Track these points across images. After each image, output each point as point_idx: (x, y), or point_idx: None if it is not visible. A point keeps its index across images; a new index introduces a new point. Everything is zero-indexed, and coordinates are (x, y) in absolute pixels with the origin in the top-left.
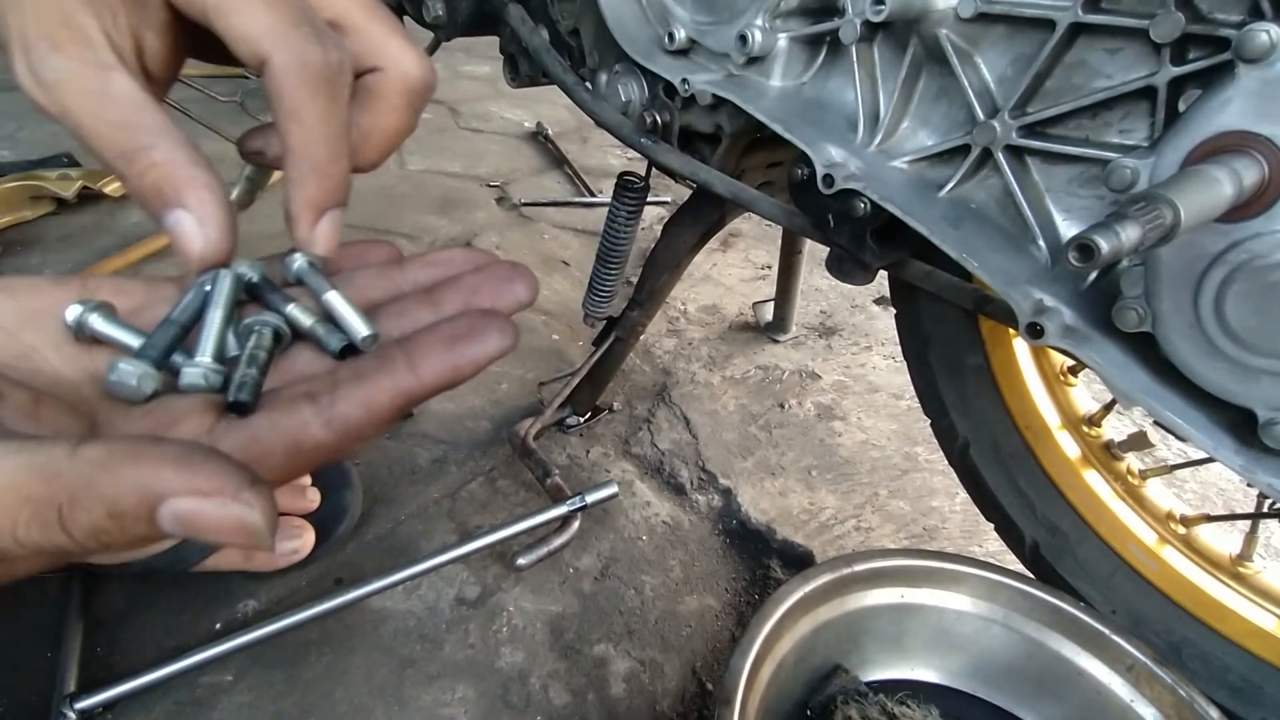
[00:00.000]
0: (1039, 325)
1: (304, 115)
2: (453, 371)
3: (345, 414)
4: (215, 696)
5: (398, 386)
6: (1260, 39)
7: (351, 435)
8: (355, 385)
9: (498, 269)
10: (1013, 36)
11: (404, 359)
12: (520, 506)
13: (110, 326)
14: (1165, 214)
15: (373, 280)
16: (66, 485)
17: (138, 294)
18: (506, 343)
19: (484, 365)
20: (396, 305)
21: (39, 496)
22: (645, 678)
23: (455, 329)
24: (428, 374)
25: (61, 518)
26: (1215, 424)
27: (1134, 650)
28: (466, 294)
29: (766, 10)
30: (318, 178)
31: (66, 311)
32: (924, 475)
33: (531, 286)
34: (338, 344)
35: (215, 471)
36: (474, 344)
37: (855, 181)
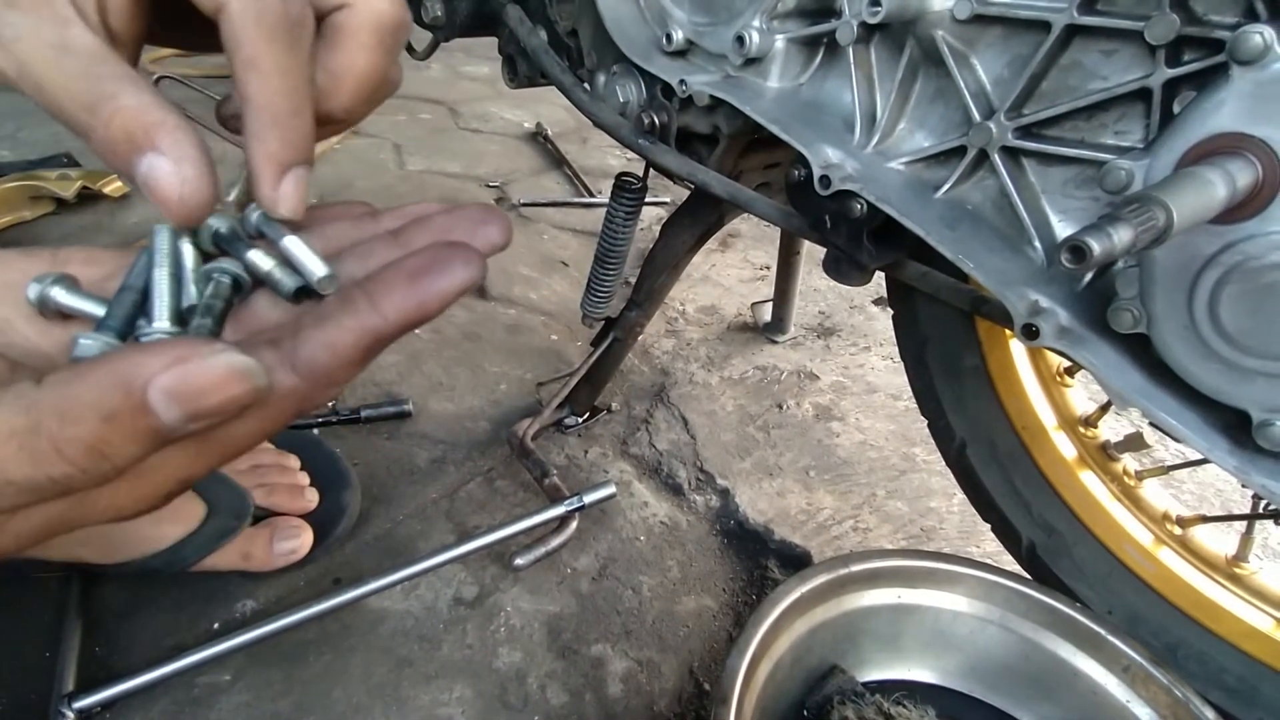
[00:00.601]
0: (1034, 326)
1: (261, 64)
2: (417, 306)
3: (310, 356)
4: (213, 696)
5: (361, 325)
6: (1254, 41)
7: (319, 380)
8: (318, 328)
9: (470, 210)
10: (1008, 38)
11: (365, 297)
12: (518, 507)
13: (74, 298)
14: (1158, 216)
15: (345, 230)
16: (49, 406)
17: (108, 262)
18: (472, 274)
19: (451, 298)
20: (362, 247)
21: (21, 427)
22: (643, 678)
23: (418, 262)
24: (391, 310)
25: (54, 441)
26: (1210, 425)
27: (1130, 651)
28: (436, 234)
29: (764, 12)
30: (279, 131)
31: (28, 288)
32: (921, 476)
33: (505, 228)
34: (292, 285)
35: (183, 342)
36: (438, 276)
37: (852, 182)
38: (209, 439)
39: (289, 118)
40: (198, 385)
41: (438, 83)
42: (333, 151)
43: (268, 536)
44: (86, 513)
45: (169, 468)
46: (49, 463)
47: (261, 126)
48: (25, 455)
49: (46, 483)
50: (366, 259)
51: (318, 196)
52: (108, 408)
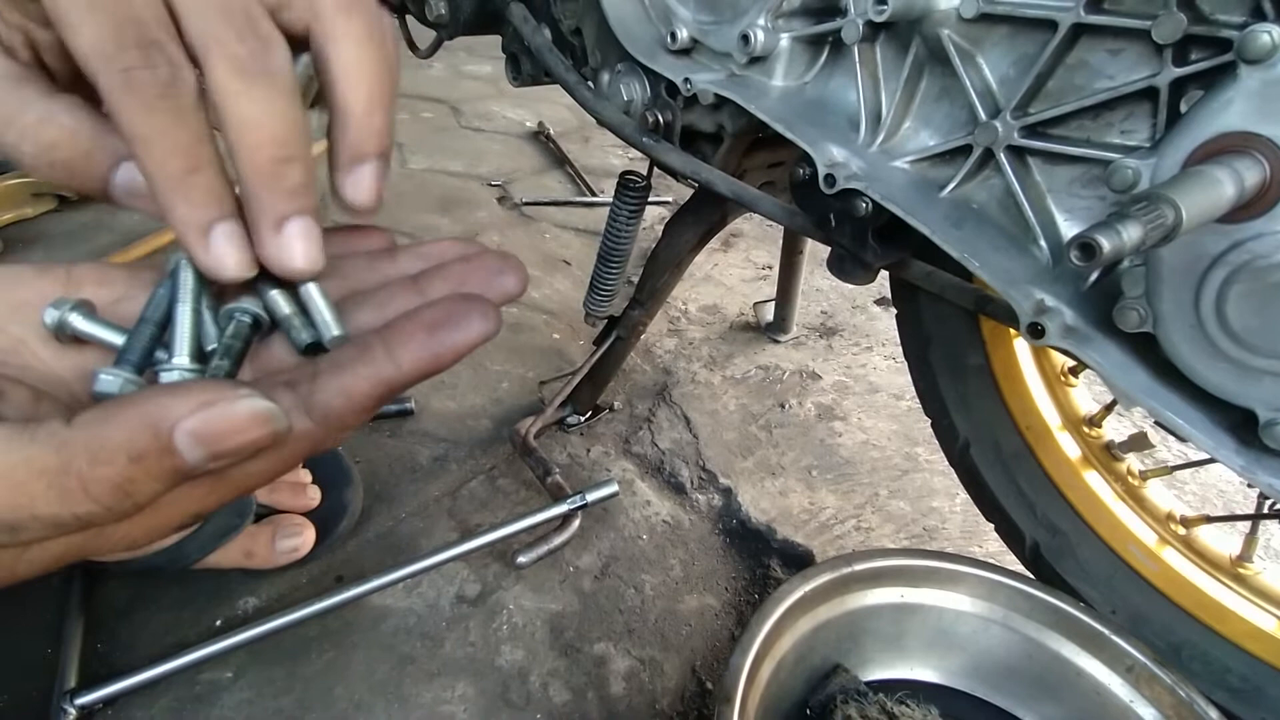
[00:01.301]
0: (1040, 325)
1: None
2: (433, 359)
3: (325, 403)
4: (215, 693)
5: (377, 375)
6: (1262, 40)
7: (333, 424)
8: (334, 374)
9: (487, 259)
10: (1015, 37)
11: (383, 347)
12: (521, 505)
13: (90, 324)
14: (1167, 214)
15: (361, 270)
16: (81, 447)
17: (119, 283)
18: (489, 328)
19: (465, 352)
20: (382, 293)
21: (52, 466)
22: (645, 676)
23: (435, 315)
24: (407, 362)
25: (83, 480)
26: (1216, 424)
27: (1134, 651)
28: (453, 283)
29: (769, 10)
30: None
31: (45, 314)
32: (924, 475)
33: (521, 278)
34: (305, 339)
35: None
36: (454, 330)
37: (857, 181)
38: (224, 476)
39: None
40: (222, 428)
41: (440, 81)
42: None
43: (270, 534)
44: (101, 544)
45: (184, 502)
46: (76, 501)
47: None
48: (54, 493)
49: (71, 519)
50: (384, 307)
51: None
52: (137, 449)
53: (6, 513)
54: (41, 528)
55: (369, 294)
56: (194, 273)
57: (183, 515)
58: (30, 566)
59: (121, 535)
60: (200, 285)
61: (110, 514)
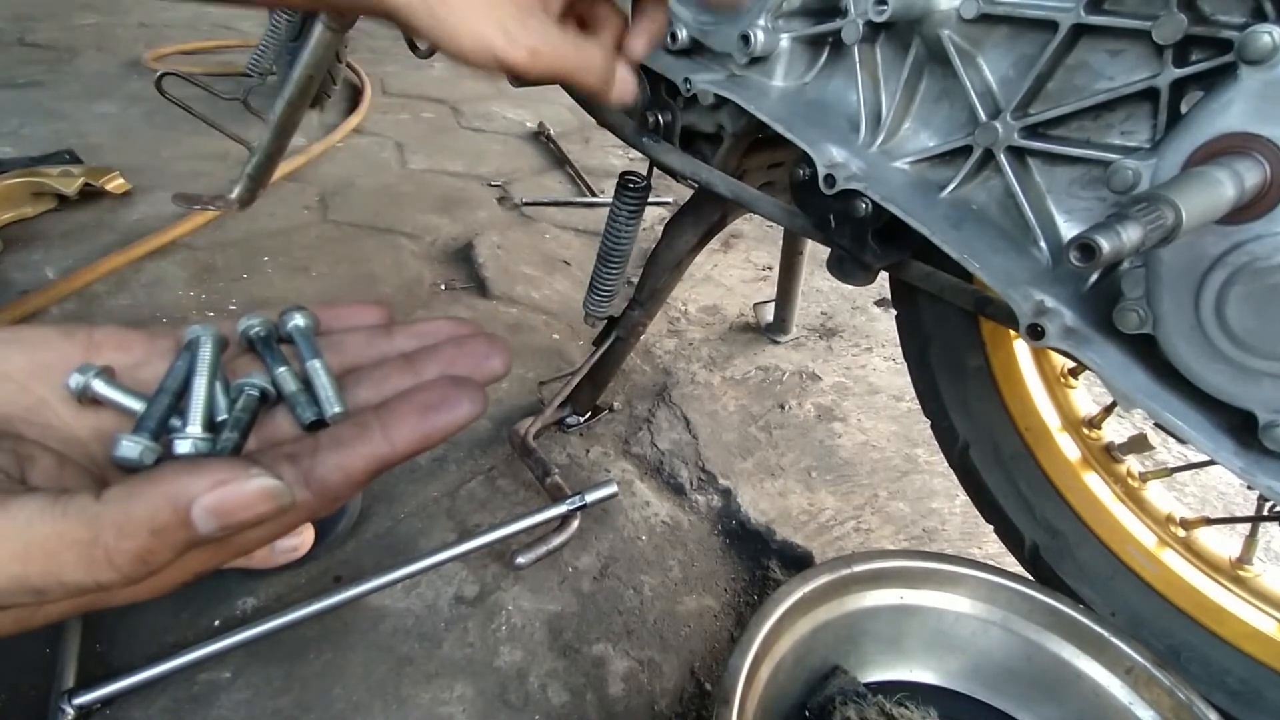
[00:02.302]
0: (1040, 326)
1: None
2: (424, 438)
3: (324, 477)
4: (213, 693)
5: (373, 453)
6: (1263, 41)
7: (329, 496)
8: (334, 450)
9: (475, 343)
10: (1015, 38)
11: (379, 427)
12: (520, 505)
13: (111, 390)
14: (1167, 215)
15: (360, 346)
16: (109, 522)
17: (138, 348)
18: (476, 410)
19: (454, 432)
20: (379, 371)
21: (83, 539)
22: (644, 677)
23: (428, 398)
24: (400, 441)
25: (109, 552)
26: (1215, 426)
27: (1133, 653)
28: (444, 365)
29: (769, 11)
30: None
31: (70, 380)
32: (924, 477)
33: (505, 361)
34: (309, 418)
35: (224, 464)
36: (444, 413)
37: (857, 182)
38: (228, 542)
39: None
40: (234, 504)
41: (440, 82)
42: (336, 150)
43: None
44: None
45: (189, 565)
46: (100, 570)
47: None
48: (82, 563)
49: (93, 585)
50: (381, 385)
51: (320, 195)
52: (159, 523)
53: (36, 579)
54: (64, 593)
55: (367, 371)
56: (211, 348)
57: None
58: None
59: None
60: (216, 359)
61: (127, 581)
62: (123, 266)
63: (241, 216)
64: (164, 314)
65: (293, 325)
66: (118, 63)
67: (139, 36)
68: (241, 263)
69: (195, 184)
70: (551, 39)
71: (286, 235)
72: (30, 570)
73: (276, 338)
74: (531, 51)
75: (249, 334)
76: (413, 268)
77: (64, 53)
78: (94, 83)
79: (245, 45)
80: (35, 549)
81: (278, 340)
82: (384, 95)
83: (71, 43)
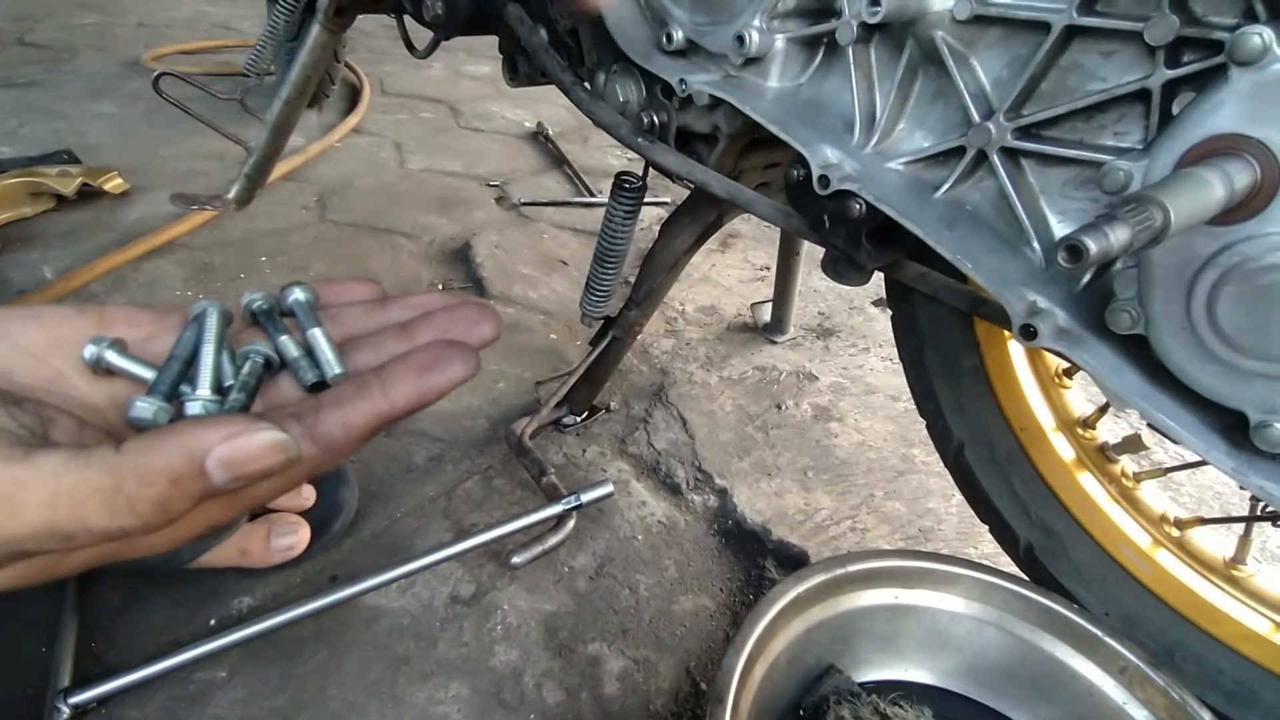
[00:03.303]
0: (1032, 327)
1: None
2: (420, 396)
3: (327, 432)
4: (209, 692)
5: (373, 409)
6: (1253, 42)
7: (333, 451)
8: (336, 408)
9: (467, 309)
10: (1008, 39)
11: (379, 385)
12: (516, 505)
13: (123, 360)
14: (1155, 215)
15: (358, 317)
16: (131, 470)
17: (147, 323)
18: (469, 370)
19: (449, 390)
20: (376, 338)
21: (106, 486)
22: (639, 677)
23: (424, 358)
24: (399, 398)
25: (131, 499)
26: (1207, 426)
27: (1127, 653)
28: (438, 330)
29: (764, 11)
30: None
31: (85, 350)
32: (920, 477)
33: (496, 326)
34: (311, 378)
35: (235, 419)
36: (440, 371)
37: (851, 182)
38: (239, 494)
39: None
40: (245, 455)
41: (439, 82)
42: (334, 150)
43: (265, 532)
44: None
45: (204, 516)
46: (123, 516)
47: None
48: (106, 509)
49: (117, 531)
50: (379, 350)
51: (318, 195)
52: (176, 472)
53: (64, 524)
54: (90, 538)
55: (365, 339)
56: (218, 318)
57: (202, 526)
58: (70, 567)
59: (149, 544)
60: (222, 329)
61: (148, 527)
62: (121, 266)
63: (239, 216)
64: None
65: (293, 299)
66: (117, 63)
67: (138, 36)
68: (239, 262)
69: (193, 184)
70: None
71: (284, 235)
72: (58, 516)
73: (279, 311)
74: None
75: (251, 308)
76: (410, 267)
77: (63, 52)
78: (93, 82)
79: (244, 45)
80: (62, 497)
81: (279, 314)
82: (382, 95)
83: (71, 42)
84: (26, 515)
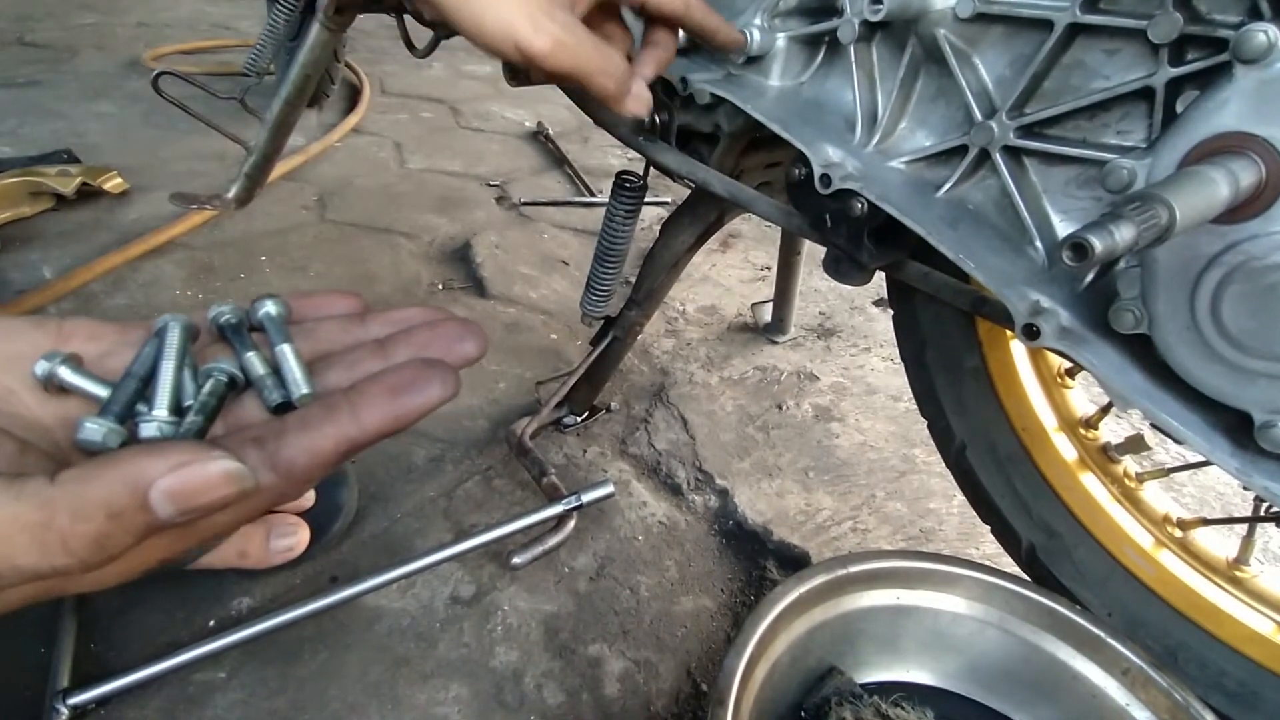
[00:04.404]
0: (1035, 326)
1: None
2: (393, 420)
3: (290, 459)
4: (208, 694)
5: (341, 434)
6: (1258, 39)
7: (296, 479)
8: (301, 432)
9: (449, 326)
10: (1011, 37)
11: (348, 407)
12: (516, 505)
13: (77, 377)
14: (1160, 214)
15: (334, 332)
16: (64, 505)
17: (109, 338)
18: (447, 392)
19: (425, 413)
20: (350, 355)
21: (34, 522)
22: (640, 678)
23: (398, 379)
24: (369, 422)
25: (64, 536)
26: (1211, 426)
27: (1130, 654)
28: (416, 348)
29: (765, 10)
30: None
31: (36, 366)
32: (921, 477)
33: (481, 344)
34: (276, 400)
35: (186, 447)
36: (415, 394)
37: (852, 181)
38: (191, 527)
39: None
40: (194, 487)
41: (439, 81)
42: (334, 149)
43: (264, 533)
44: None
45: (152, 550)
46: (55, 554)
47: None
48: (35, 546)
49: (49, 570)
50: (353, 369)
51: (318, 195)
52: (115, 507)
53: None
54: (19, 578)
55: (338, 355)
56: (180, 333)
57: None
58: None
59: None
60: (184, 345)
61: (84, 566)
62: (120, 266)
63: (239, 216)
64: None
65: (263, 313)
66: (116, 62)
67: (138, 36)
68: (239, 262)
69: (193, 183)
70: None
71: (284, 235)
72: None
73: (248, 326)
74: (556, 42)
75: (219, 322)
76: (411, 267)
77: (63, 52)
78: (92, 82)
79: (244, 45)
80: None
81: (249, 329)
82: (383, 95)
83: (70, 42)
84: None
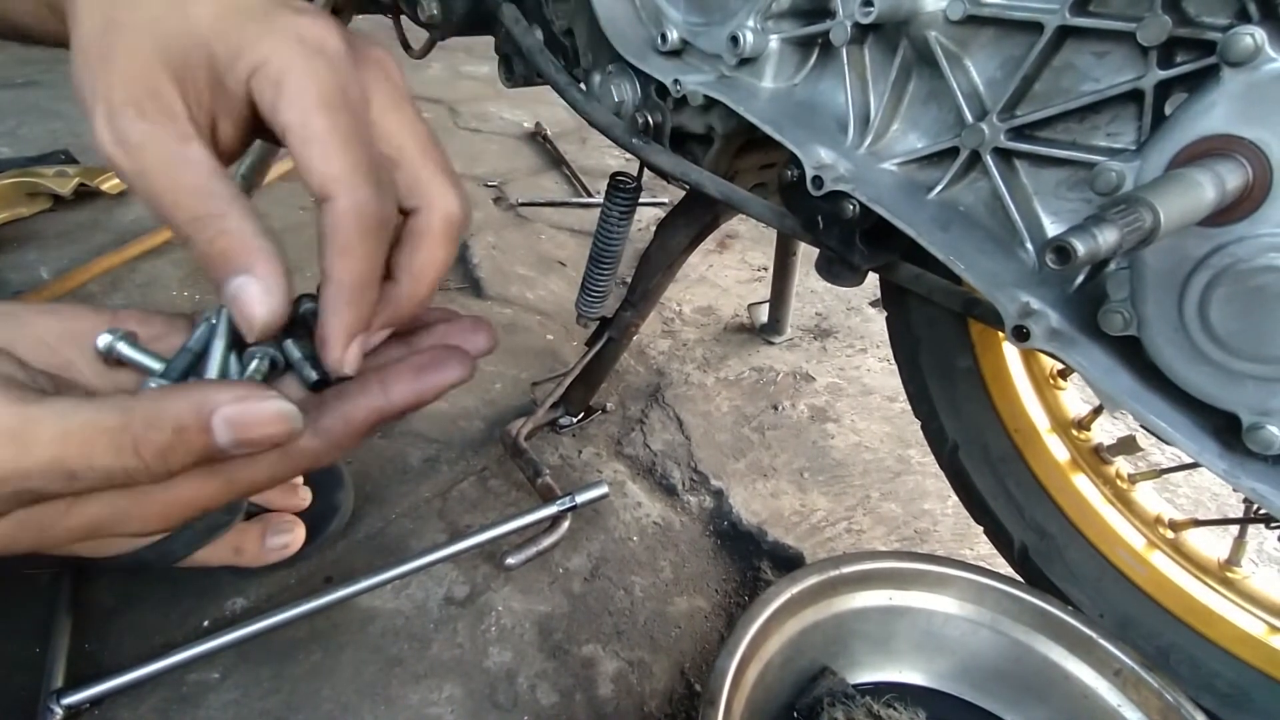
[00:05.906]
0: (1025, 328)
1: (352, 254)
2: (417, 395)
3: (328, 425)
4: (202, 694)
5: (372, 405)
6: (1245, 42)
7: (332, 443)
8: (337, 403)
9: (464, 321)
10: (1001, 39)
11: (379, 384)
12: (511, 506)
13: (134, 351)
14: (1144, 217)
15: None
16: (140, 414)
17: (158, 325)
18: (464, 373)
19: (444, 390)
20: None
21: (114, 425)
22: (633, 678)
23: (422, 360)
24: (397, 396)
25: (136, 439)
26: (1200, 428)
27: (1121, 655)
28: (436, 339)
29: (758, 12)
30: (355, 309)
31: (98, 339)
32: (916, 478)
33: (491, 338)
34: (313, 378)
35: (247, 385)
36: (436, 373)
37: (844, 183)
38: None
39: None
40: (250, 419)
41: (437, 82)
42: None
43: (260, 532)
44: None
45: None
46: (126, 456)
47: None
48: (111, 447)
49: (119, 472)
50: (380, 355)
51: None
52: (182, 422)
53: (72, 461)
54: (95, 478)
55: None
56: (228, 319)
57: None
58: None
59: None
60: (233, 329)
61: (150, 474)
62: (117, 266)
63: None
64: None
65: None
66: None
67: None
68: None
69: None
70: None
71: (282, 235)
72: (67, 453)
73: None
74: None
75: None
76: None
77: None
78: None
79: None
80: (73, 433)
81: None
82: None
83: None
84: (36, 450)
